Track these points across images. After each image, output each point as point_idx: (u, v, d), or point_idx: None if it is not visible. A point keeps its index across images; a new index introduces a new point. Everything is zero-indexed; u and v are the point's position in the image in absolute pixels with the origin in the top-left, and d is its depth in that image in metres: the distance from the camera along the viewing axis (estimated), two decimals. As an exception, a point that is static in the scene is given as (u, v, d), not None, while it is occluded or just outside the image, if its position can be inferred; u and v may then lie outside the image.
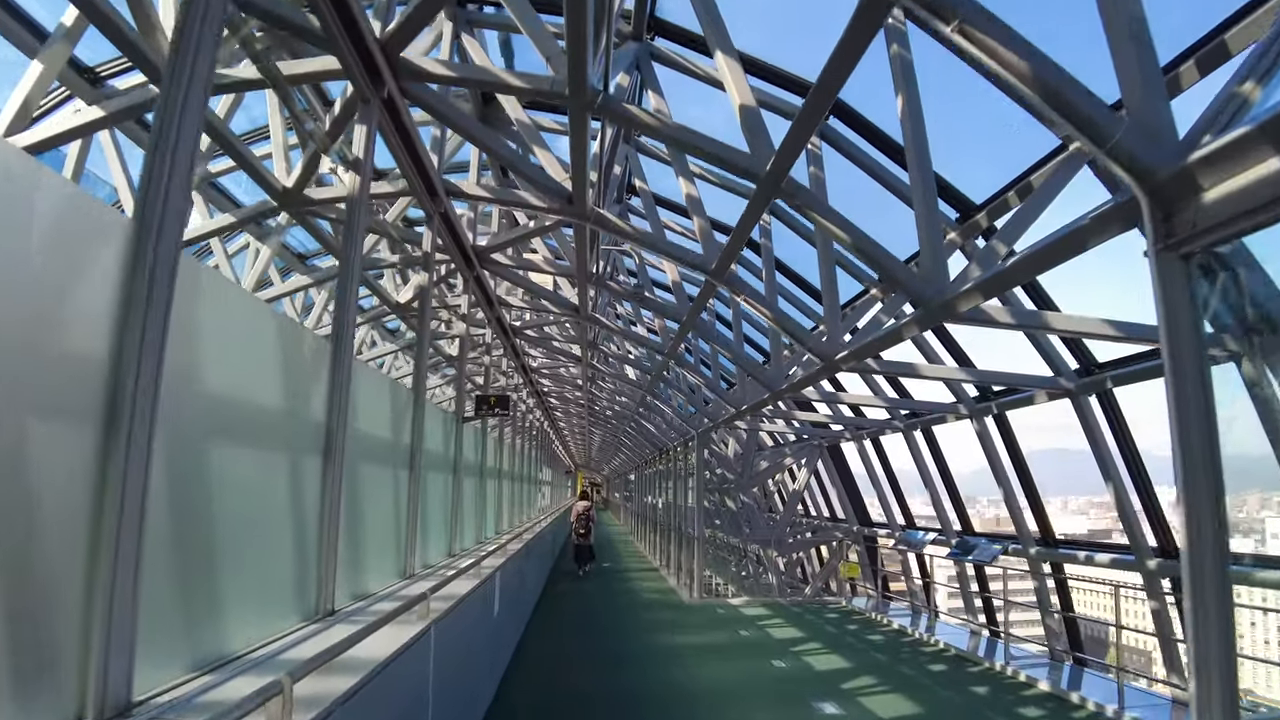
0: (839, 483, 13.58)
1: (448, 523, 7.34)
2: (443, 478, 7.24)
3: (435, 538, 6.91)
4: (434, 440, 6.88)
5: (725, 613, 12.07)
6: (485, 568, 6.52)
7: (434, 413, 6.97)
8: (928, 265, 4.51)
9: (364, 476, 4.74)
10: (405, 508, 5.68)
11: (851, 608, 12.84)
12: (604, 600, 13.06)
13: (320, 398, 3.90)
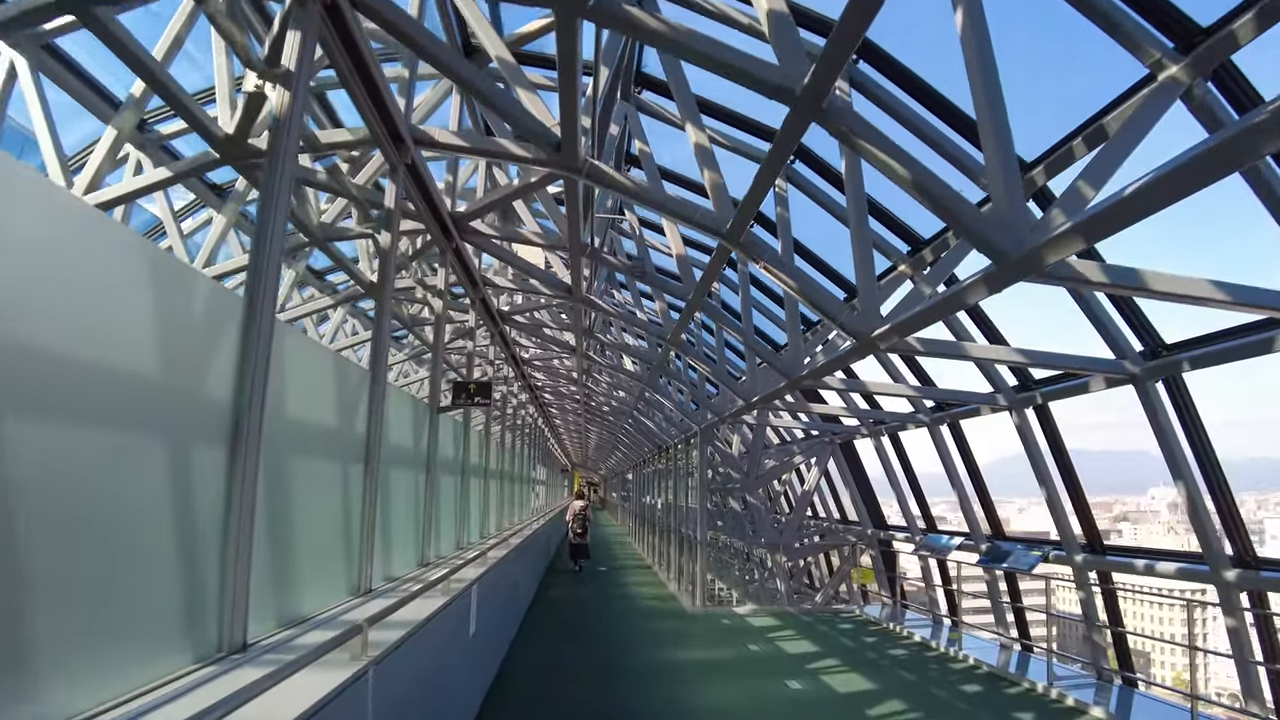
0: (852, 482, 12.66)
1: (419, 528, 6.41)
2: (412, 476, 6.31)
3: (402, 545, 5.98)
4: (401, 432, 5.95)
5: (731, 623, 11.14)
6: (459, 580, 5.60)
7: (400, 400, 6.04)
8: (1003, 210, 3.64)
9: (296, 473, 3.81)
10: (361, 511, 4.76)
11: (866, 616, 11.92)
12: (600, 608, 12.13)
13: (226, 369, 2.97)
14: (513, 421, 14.33)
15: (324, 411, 4.23)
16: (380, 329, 5.08)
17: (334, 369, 4.41)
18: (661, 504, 19.36)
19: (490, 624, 7.11)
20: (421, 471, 6.55)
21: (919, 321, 4.93)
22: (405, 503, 6.10)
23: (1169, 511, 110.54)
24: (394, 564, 5.62)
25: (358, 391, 4.80)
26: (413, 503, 6.28)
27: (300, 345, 4.06)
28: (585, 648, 9.05)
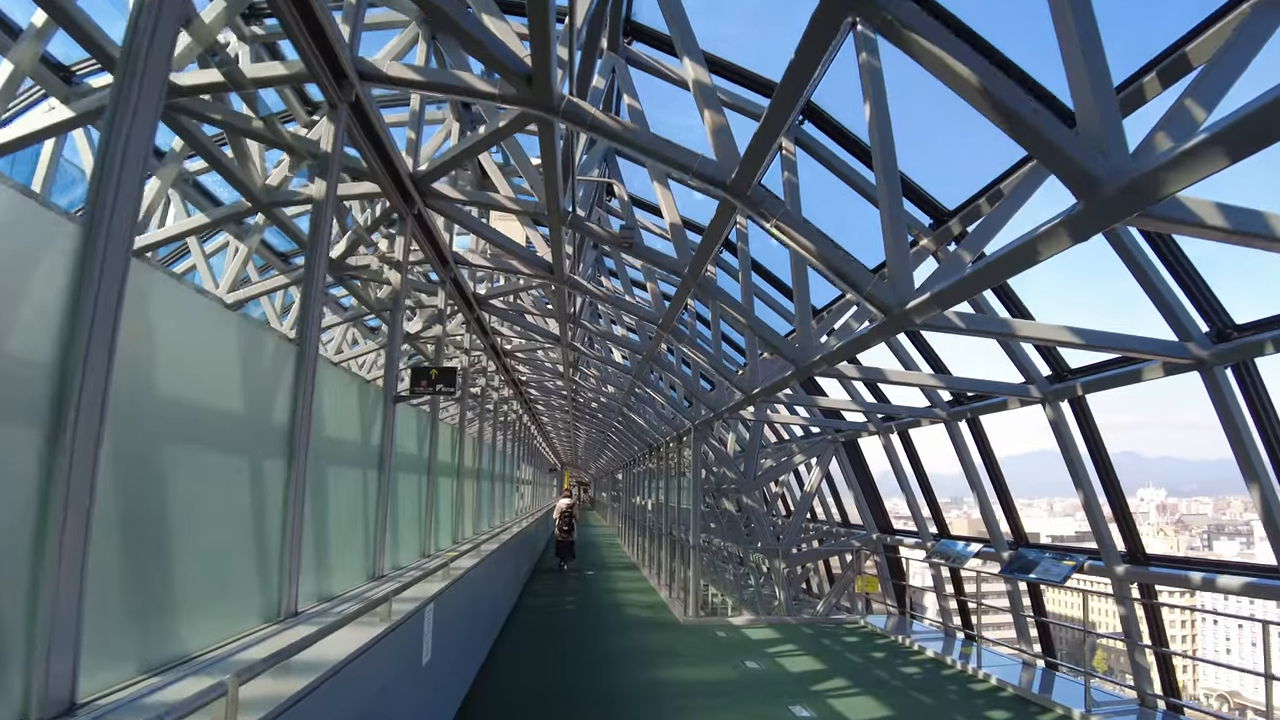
0: (856, 483, 11.80)
1: (370, 535, 5.49)
2: (360, 474, 5.39)
3: (346, 556, 5.06)
4: (343, 422, 5.03)
5: (726, 636, 10.26)
6: (407, 600, 4.68)
7: (342, 383, 5.12)
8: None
9: (179, 465, 2.91)
10: (285, 516, 3.84)
11: (871, 628, 11.07)
12: (585, 619, 11.20)
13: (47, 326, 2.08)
14: (494, 417, 13.39)
15: (219, 390, 3.31)
16: (311, 292, 4.16)
17: (237, 335, 3.48)
18: (651, 505, 18.47)
19: (454, 646, 6.19)
20: (374, 469, 5.63)
21: (965, 289, 4.10)
22: (350, 506, 5.18)
23: (1157, 513, 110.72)
24: (333, 579, 4.70)
25: (279, 370, 3.88)
26: (361, 505, 5.36)
27: (186, 302, 3.11)
28: (568, 667, 8.14)
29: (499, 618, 9.95)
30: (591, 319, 11.24)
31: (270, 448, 3.76)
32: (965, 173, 6.30)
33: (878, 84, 4.18)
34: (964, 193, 6.22)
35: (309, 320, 4.13)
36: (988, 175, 5.80)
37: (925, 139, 4.86)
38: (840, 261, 4.46)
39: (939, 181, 6.50)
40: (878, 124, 4.20)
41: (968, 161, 6.50)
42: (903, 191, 6.33)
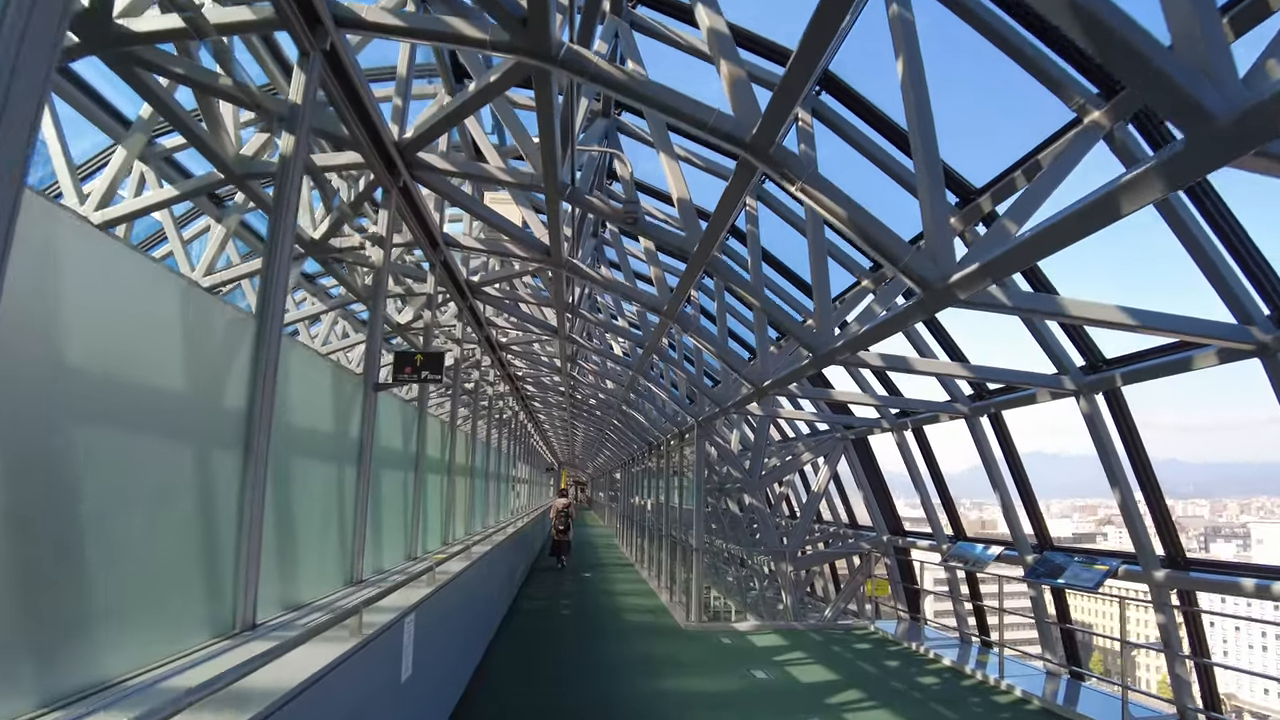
0: (866, 483, 11.31)
1: (347, 537, 4.98)
2: (336, 470, 4.88)
3: (318, 560, 4.55)
4: (314, 411, 4.52)
5: (732, 643, 9.75)
6: (385, 610, 4.17)
7: (314, 367, 4.60)
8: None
9: (99, 452, 2.39)
10: (240, 514, 3.33)
11: (882, 634, 10.58)
12: (583, 623, 10.69)
13: None
14: (489, 413, 12.88)
15: (159, 367, 2.79)
16: (273, 262, 3.64)
17: (181, 301, 2.96)
18: (651, 505, 17.97)
19: (441, 658, 5.68)
20: (351, 464, 5.12)
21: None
22: (324, 503, 4.67)
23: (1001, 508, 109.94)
24: (300, 586, 4.18)
25: (234, 349, 3.37)
26: (336, 504, 4.85)
27: (109, 254, 2.59)
28: (565, 677, 7.62)
29: (492, 623, 9.44)
30: (591, 310, 10.75)
31: (222, 436, 3.25)
32: (989, 148, 6.08)
33: (910, 37, 3.94)
34: (987, 170, 5.91)
35: (272, 292, 3.61)
36: (1016, 149, 5.52)
37: (942, 114, 4.13)
38: (875, 229, 3.96)
39: (961, 159, 6.24)
40: (912, 82, 3.90)
41: (992, 135, 6.26)
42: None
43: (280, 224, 3.77)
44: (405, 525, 6.73)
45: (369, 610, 3.87)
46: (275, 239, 3.74)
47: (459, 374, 8.88)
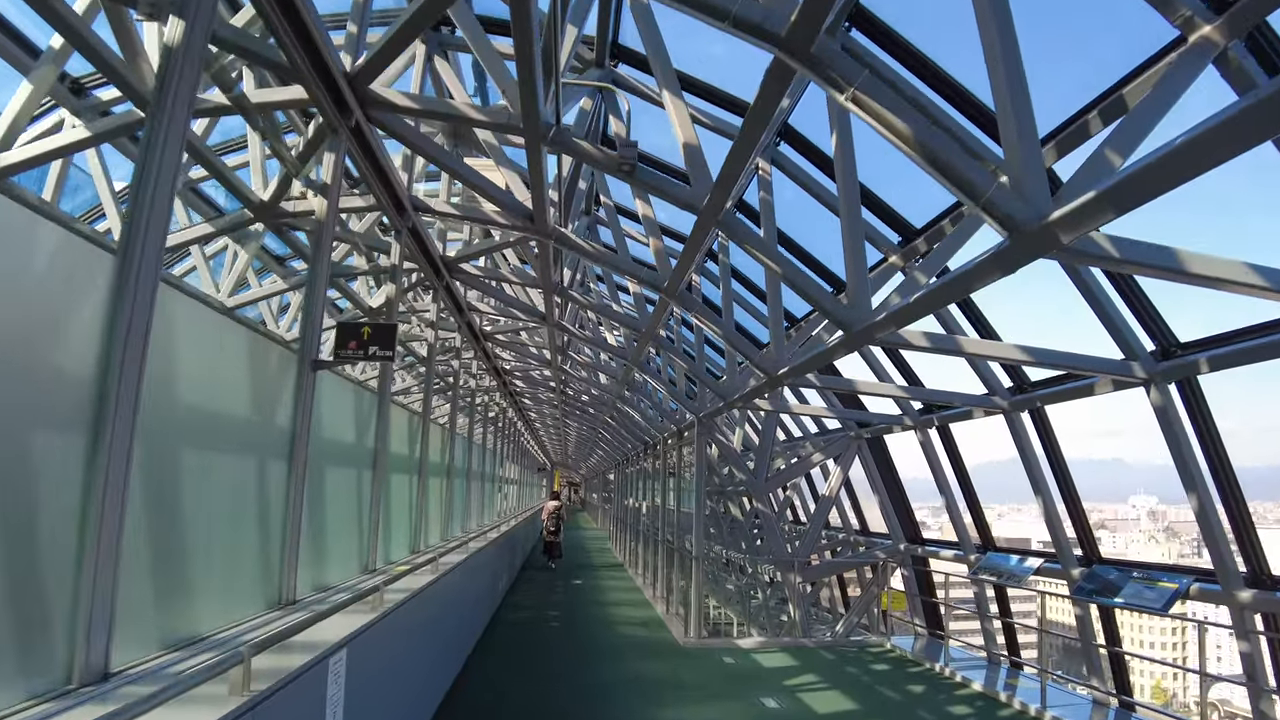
0: (882, 486, 10.36)
1: (273, 549, 4.00)
2: (256, 466, 3.90)
3: (227, 581, 3.57)
4: (218, 391, 3.54)
5: (735, 663, 8.78)
6: (304, 646, 3.19)
7: (215, 331, 3.62)
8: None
9: None
10: (84, 524, 2.37)
11: (899, 652, 9.63)
12: (571, 638, 9.70)
13: None
14: (471, 406, 11.89)
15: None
16: (151, 164, 2.66)
17: None
18: (646, 508, 16.99)
19: (390, 697, 4.68)
20: (279, 459, 4.14)
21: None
22: (236, 508, 3.69)
23: (1149, 520, 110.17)
24: (194, 615, 3.21)
25: (71, 287, 2.40)
26: (255, 508, 3.87)
27: None
28: (549, 705, 6.64)
29: (468, 640, 8.44)
30: (583, 293, 9.79)
31: (54, 414, 2.28)
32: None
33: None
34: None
35: (143, 219, 2.64)
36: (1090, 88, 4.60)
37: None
38: (946, 150, 3.05)
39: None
40: (842, 157, 4.41)
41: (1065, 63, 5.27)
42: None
43: (158, 126, 2.79)
44: (361, 533, 5.75)
45: (273, 651, 2.89)
46: (151, 143, 2.76)
47: (433, 361, 7.90)
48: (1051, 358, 5.80)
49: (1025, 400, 7.08)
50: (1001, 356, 6.30)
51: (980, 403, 7.25)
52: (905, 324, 4.74)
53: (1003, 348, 6.11)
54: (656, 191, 4.68)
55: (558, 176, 6.57)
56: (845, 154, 4.62)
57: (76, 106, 4.84)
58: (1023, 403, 7.11)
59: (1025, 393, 7.08)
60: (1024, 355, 5.64)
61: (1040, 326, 76.51)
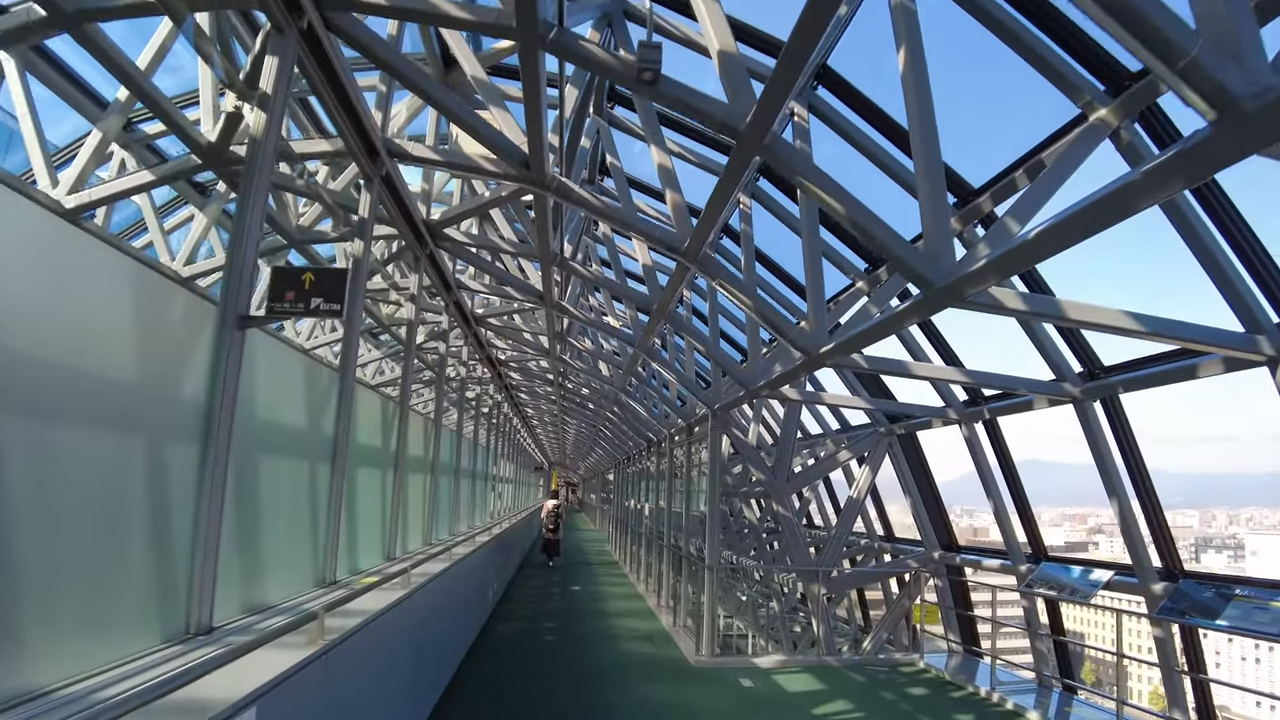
0: (914, 488, 9.36)
1: (178, 563, 3.00)
2: (171, 450, 2.91)
3: (110, 603, 2.57)
4: (106, 349, 2.53)
5: (755, 686, 7.76)
6: (209, 705, 2.18)
7: (93, 265, 2.60)
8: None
9: None
10: None
11: (934, 671, 8.64)
12: (568, 655, 8.68)
13: None
14: (461, 397, 10.86)
15: None
16: None
17: None
18: (650, 510, 15.97)
19: None
20: (191, 443, 3.13)
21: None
22: (124, 509, 2.69)
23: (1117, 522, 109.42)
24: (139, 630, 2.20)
25: None
26: (147, 508, 2.86)
27: None
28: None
29: (450, 659, 7.41)
30: (584, 259, 8.82)
31: None
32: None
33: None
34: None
35: None
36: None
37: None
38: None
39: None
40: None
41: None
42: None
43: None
44: (316, 539, 4.72)
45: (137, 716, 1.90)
46: None
47: (414, 340, 6.88)
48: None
49: (1100, 388, 6.09)
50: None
51: (1047, 390, 6.25)
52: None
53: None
54: (686, 108, 3.67)
55: (559, 119, 5.59)
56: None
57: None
58: (1097, 390, 6.12)
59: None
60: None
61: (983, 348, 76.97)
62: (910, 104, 3.74)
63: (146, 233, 7.17)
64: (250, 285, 3.52)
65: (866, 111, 5.80)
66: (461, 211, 6.38)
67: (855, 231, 3.86)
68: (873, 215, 3.75)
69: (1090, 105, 4.26)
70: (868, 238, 3.79)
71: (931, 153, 3.71)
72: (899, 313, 4.29)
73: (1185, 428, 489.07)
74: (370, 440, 6.08)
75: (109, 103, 5.27)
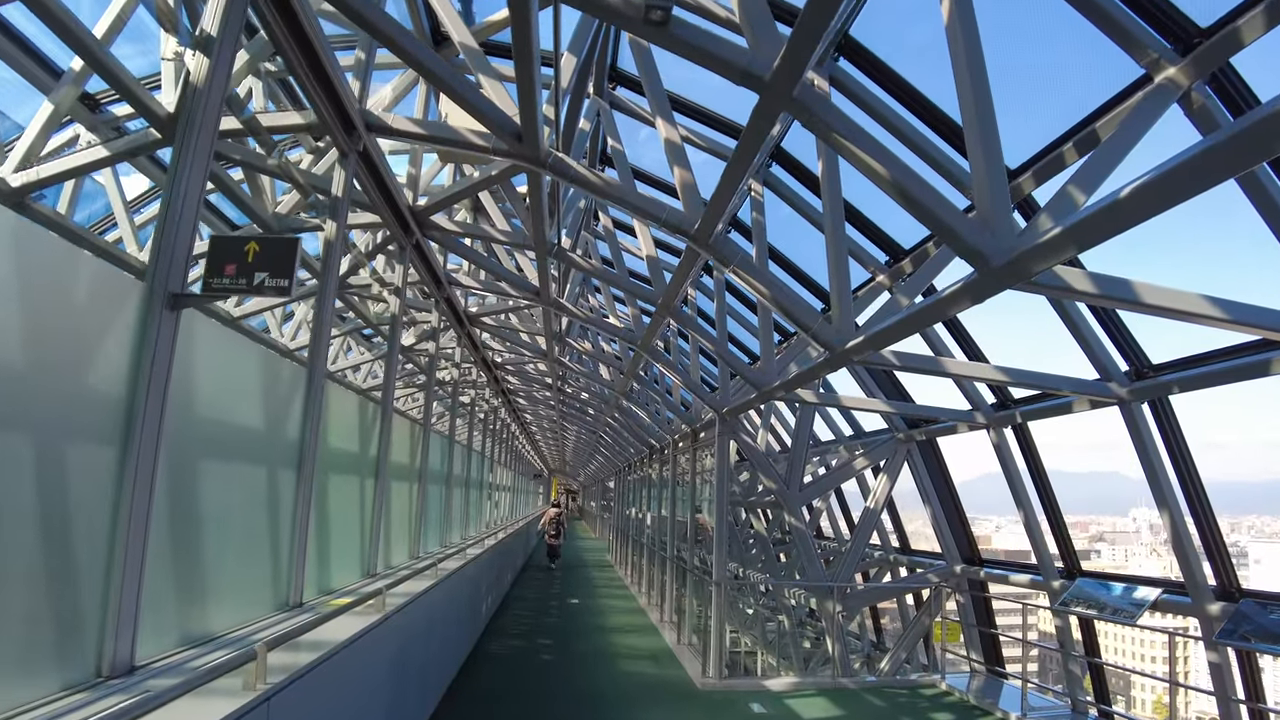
0: (934, 498, 8.80)
1: (94, 583, 2.46)
2: (85, 452, 2.37)
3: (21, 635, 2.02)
4: None
5: (767, 713, 7.17)
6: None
7: None
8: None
9: None
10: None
11: (957, 694, 8.05)
12: (564, 677, 8.10)
13: None
14: (454, 399, 10.32)
15: None
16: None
17: None
18: (652, 519, 15.39)
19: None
20: (108, 444, 2.60)
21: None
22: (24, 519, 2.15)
23: (1150, 533, 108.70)
24: None
25: None
26: (29, 516, 2.32)
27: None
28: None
29: (435, 686, 6.84)
30: (584, 244, 8.32)
31: None
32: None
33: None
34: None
35: None
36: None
37: None
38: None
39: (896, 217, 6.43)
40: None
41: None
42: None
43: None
44: (278, 556, 4.17)
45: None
46: None
47: (397, 335, 6.34)
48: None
49: (1150, 388, 5.54)
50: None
51: (1091, 390, 5.71)
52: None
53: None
54: (702, 56, 3.14)
55: (554, 90, 5.08)
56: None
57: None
58: (1147, 390, 5.58)
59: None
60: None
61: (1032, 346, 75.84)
62: (958, 54, 3.22)
63: (118, 227, 6.70)
64: (187, 259, 2.99)
65: (893, 87, 5.28)
66: (449, 195, 5.86)
67: (898, 198, 3.30)
68: (919, 178, 3.19)
69: (1156, 64, 3.74)
70: (913, 205, 3.25)
71: (984, 108, 3.18)
72: (943, 299, 3.68)
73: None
74: (347, 445, 5.53)
75: (64, 71, 4.72)
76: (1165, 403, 5.74)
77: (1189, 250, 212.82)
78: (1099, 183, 3.41)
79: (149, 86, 5.23)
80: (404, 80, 5.83)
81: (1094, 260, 4.46)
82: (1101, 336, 5.74)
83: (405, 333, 9.57)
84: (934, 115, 5.13)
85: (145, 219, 6.88)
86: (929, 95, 5.19)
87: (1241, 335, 4.84)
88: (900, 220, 6.53)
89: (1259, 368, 4.67)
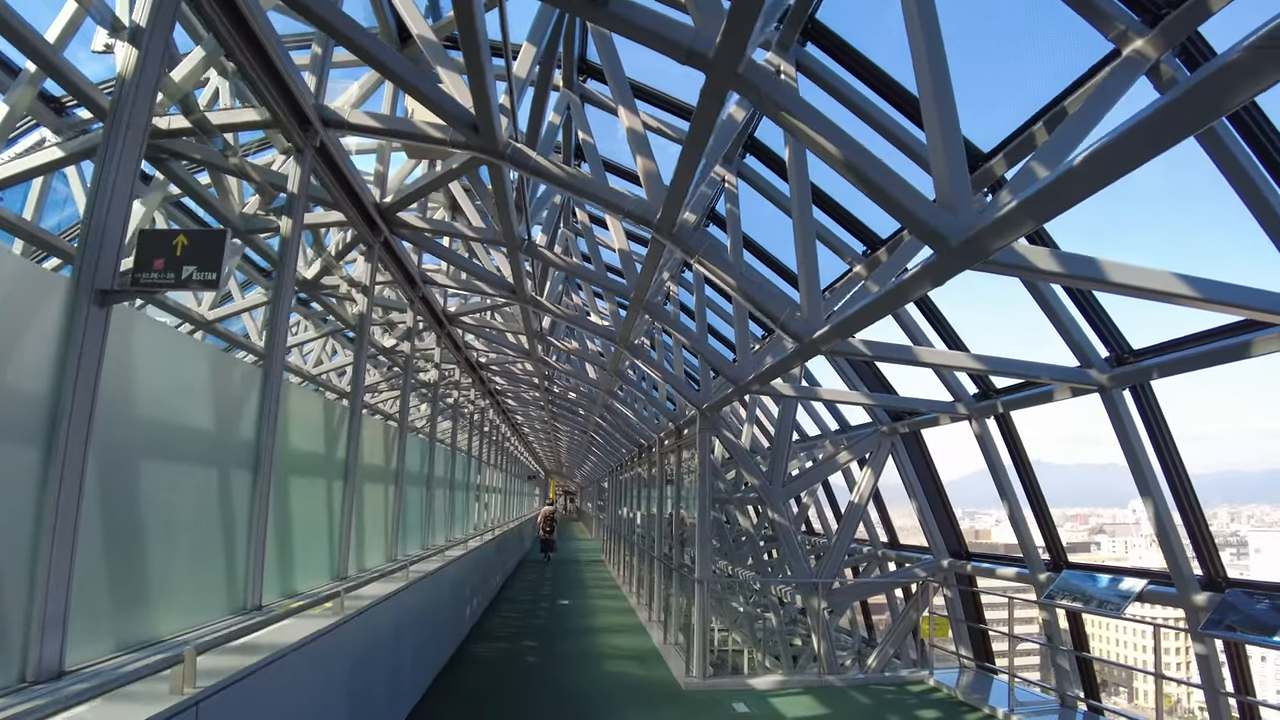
0: (920, 491, 8.71)
1: (34, 579, 2.36)
2: (10, 457, 2.27)
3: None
4: None
5: (750, 712, 7.07)
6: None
7: None
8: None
9: None
10: None
11: (945, 689, 7.95)
12: (550, 678, 8.00)
13: None
14: (435, 402, 10.20)
15: None
16: None
17: None
18: (641, 518, 15.31)
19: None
20: (32, 447, 2.50)
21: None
22: None
23: (1149, 524, 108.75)
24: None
25: None
26: None
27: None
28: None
29: (408, 691, 6.73)
30: (560, 238, 8.21)
31: None
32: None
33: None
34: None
35: None
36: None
37: None
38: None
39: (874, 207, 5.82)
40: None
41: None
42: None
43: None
44: (233, 559, 4.06)
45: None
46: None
47: (364, 333, 6.23)
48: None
49: (1131, 374, 5.46)
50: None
51: (1071, 377, 5.63)
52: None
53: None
54: (646, 36, 3.04)
55: (509, 77, 4.97)
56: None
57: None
58: (1127, 376, 5.50)
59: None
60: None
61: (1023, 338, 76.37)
62: (913, 27, 3.12)
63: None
64: (118, 255, 2.88)
65: (859, 69, 5.19)
66: (413, 191, 5.76)
67: (852, 179, 3.20)
68: (873, 158, 3.09)
69: (1124, 36, 3.65)
70: (868, 187, 3.17)
71: (940, 80, 3.06)
72: (905, 282, 3.62)
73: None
74: (312, 446, 5.42)
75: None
76: (1147, 389, 5.63)
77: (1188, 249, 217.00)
78: (1064, 157, 3.23)
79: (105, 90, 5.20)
80: (371, 78, 5.73)
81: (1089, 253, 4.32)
82: (1081, 323, 5.63)
83: (384, 333, 9.47)
84: (905, 99, 5.03)
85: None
86: (902, 81, 5.08)
87: (1222, 317, 4.77)
88: (878, 210, 6.35)
89: (1240, 349, 4.56)
